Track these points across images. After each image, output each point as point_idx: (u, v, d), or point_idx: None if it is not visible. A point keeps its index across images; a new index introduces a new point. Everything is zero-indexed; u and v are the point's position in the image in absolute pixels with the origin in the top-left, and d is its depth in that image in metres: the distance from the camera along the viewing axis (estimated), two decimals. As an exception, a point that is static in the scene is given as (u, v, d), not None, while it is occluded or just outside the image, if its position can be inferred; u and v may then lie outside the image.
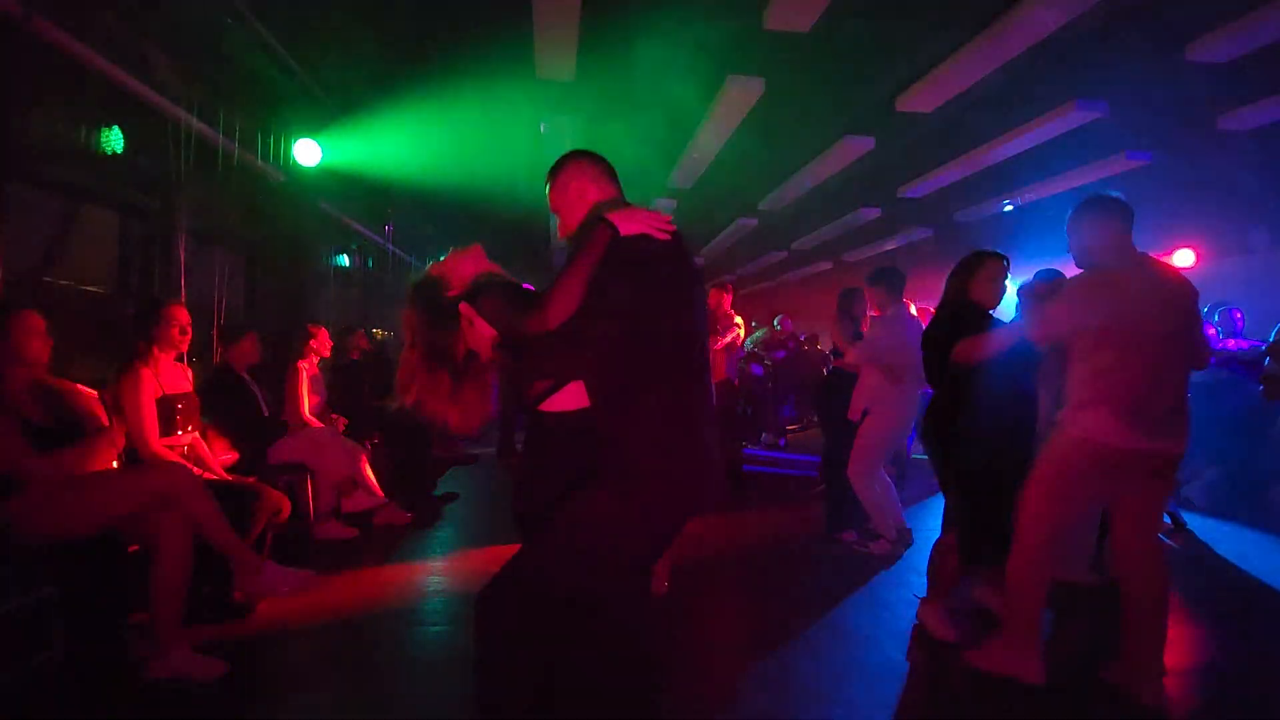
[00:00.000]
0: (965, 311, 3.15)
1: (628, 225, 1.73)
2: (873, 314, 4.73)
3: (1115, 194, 2.74)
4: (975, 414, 2.98)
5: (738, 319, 5.92)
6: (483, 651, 1.74)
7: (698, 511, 1.79)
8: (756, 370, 9.34)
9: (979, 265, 3.19)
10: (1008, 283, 3.28)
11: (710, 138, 6.42)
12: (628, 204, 1.91)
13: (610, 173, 1.96)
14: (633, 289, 1.70)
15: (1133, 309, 2.55)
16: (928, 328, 3.33)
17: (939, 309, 3.32)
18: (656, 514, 1.74)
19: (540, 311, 1.71)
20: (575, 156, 1.97)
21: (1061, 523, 2.69)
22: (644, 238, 1.74)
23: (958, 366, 3.04)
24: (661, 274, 1.75)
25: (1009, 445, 2.98)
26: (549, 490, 1.85)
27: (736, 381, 6.43)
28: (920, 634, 3.21)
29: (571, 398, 1.86)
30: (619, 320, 1.69)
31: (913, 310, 4.73)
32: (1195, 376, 2.80)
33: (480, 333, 1.85)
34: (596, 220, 1.77)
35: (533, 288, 1.99)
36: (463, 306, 1.88)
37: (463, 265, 1.98)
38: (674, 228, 1.79)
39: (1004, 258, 3.21)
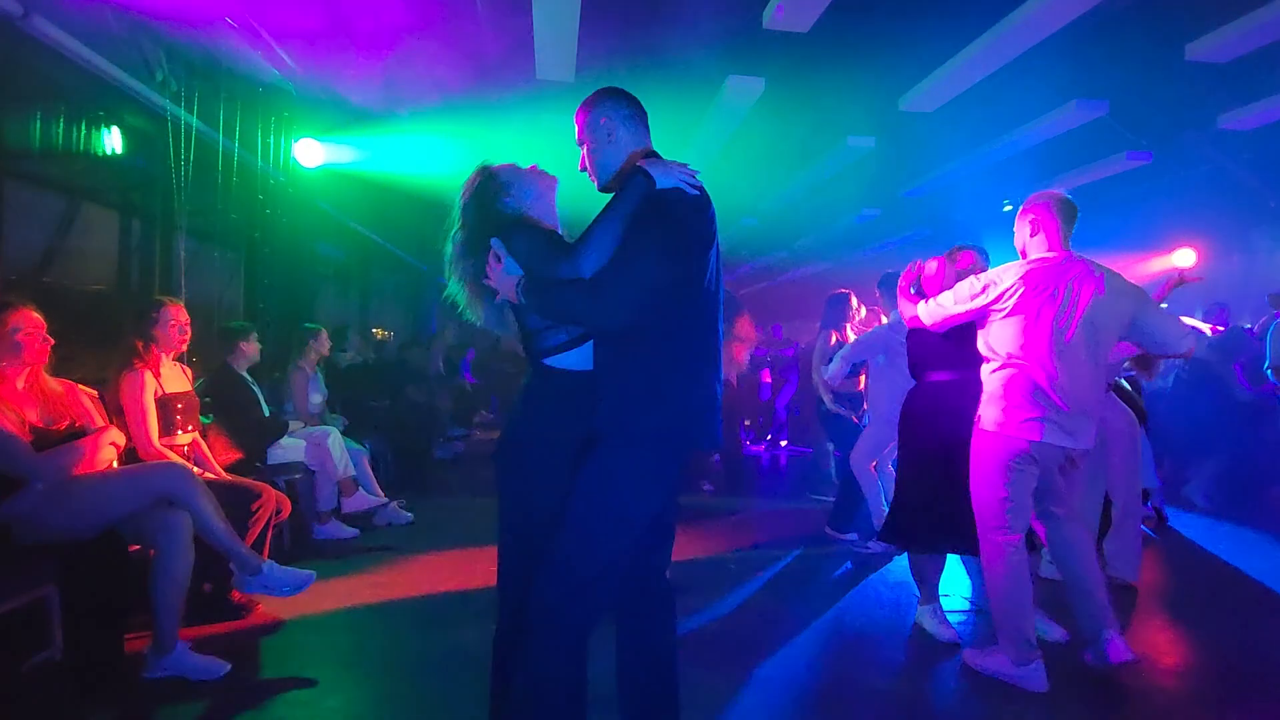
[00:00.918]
0: None
1: (664, 178, 1.76)
2: (878, 320, 4.78)
3: (1062, 192, 2.78)
4: (935, 409, 3.02)
5: None
6: (534, 649, 1.75)
7: (692, 453, 1.88)
8: (765, 376, 9.41)
9: (952, 259, 3.21)
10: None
11: (711, 137, 6.42)
12: (657, 154, 1.92)
13: (642, 116, 1.95)
14: (663, 242, 1.73)
15: (1036, 305, 2.62)
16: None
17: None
18: (658, 463, 1.80)
19: (574, 257, 1.73)
20: (611, 94, 1.95)
21: (1012, 523, 2.70)
22: (677, 191, 1.76)
23: (921, 359, 3.11)
24: (689, 229, 1.78)
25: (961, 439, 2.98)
26: (542, 444, 1.87)
27: (734, 382, 6.43)
28: (920, 634, 3.21)
29: (580, 358, 1.87)
30: (649, 272, 1.71)
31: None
32: (1182, 375, 2.83)
33: (507, 271, 1.84)
34: (634, 171, 1.79)
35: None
36: (493, 243, 1.88)
37: (530, 176, 1.97)
38: (700, 183, 1.82)
39: (977, 248, 3.21)
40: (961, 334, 2.90)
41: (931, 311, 2.87)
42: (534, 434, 1.90)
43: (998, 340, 2.72)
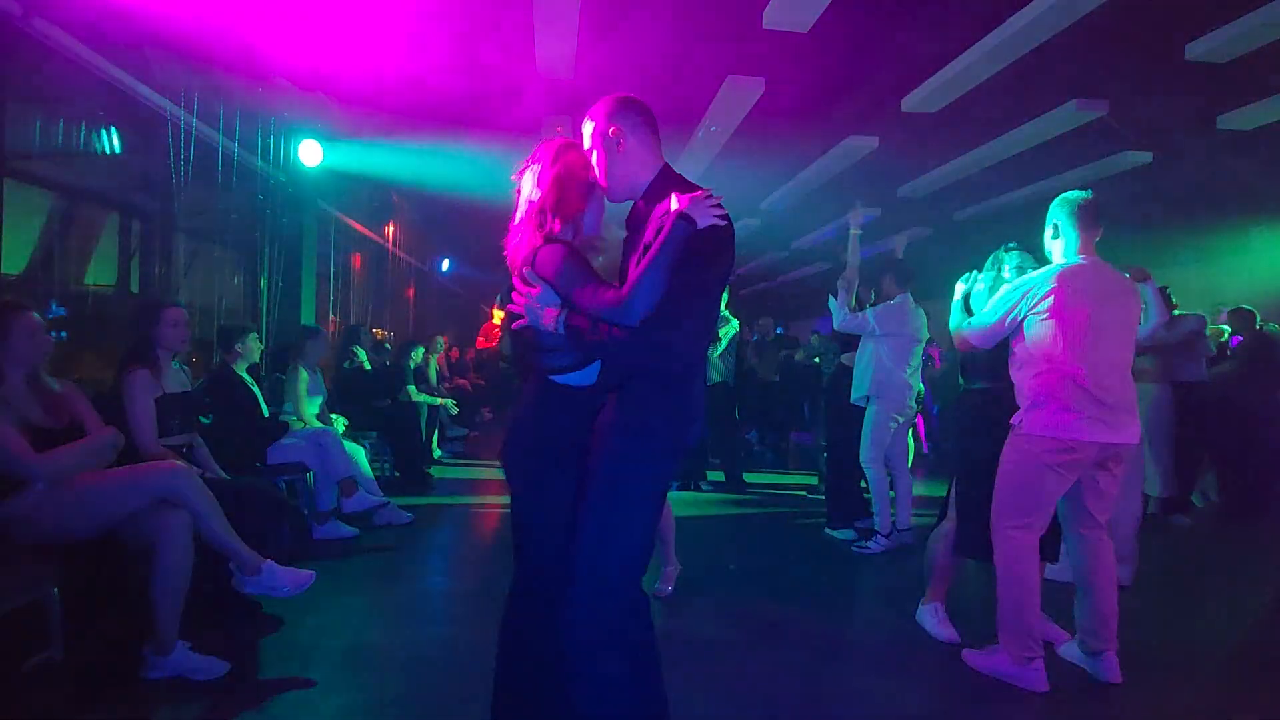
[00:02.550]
0: None
1: (702, 219, 1.76)
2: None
3: (1086, 195, 2.81)
4: (990, 406, 2.99)
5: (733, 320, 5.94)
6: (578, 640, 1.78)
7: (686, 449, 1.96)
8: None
9: (1000, 260, 3.22)
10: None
11: (710, 137, 6.42)
12: (671, 169, 1.94)
13: (652, 124, 1.94)
14: (708, 285, 1.80)
15: (1072, 306, 2.66)
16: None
17: None
18: (674, 450, 1.87)
19: (624, 305, 1.73)
20: (620, 102, 1.92)
21: (1034, 522, 2.72)
22: (714, 229, 1.78)
23: (972, 359, 3.09)
24: (725, 265, 1.84)
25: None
26: (550, 450, 1.90)
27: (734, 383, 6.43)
28: (920, 634, 3.20)
29: (586, 375, 1.89)
30: (697, 315, 1.78)
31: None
32: None
33: (544, 302, 1.82)
34: (674, 217, 1.76)
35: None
36: (518, 279, 1.87)
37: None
38: (726, 210, 1.83)
39: (1022, 248, 3.21)
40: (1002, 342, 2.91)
41: (977, 330, 2.90)
42: (542, 441, 1.93)
43: (1035, 344, 2.73)
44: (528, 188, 1.93)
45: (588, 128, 1.94)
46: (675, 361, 1.77)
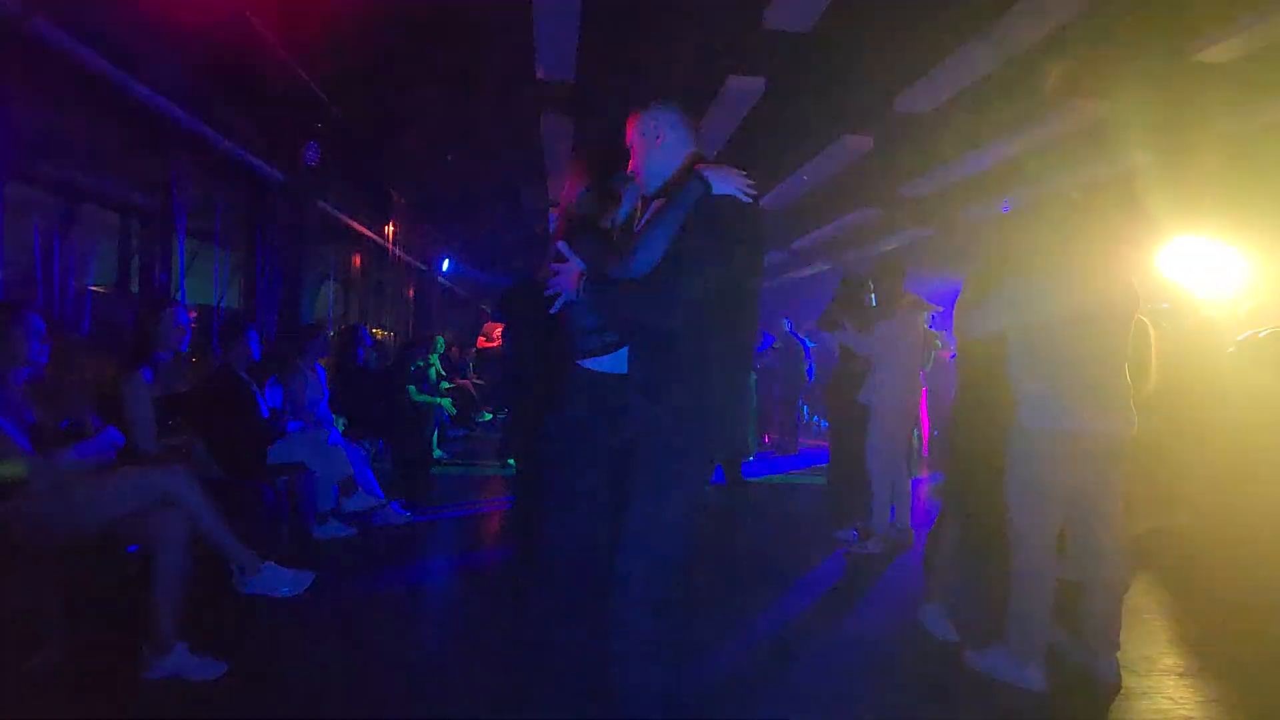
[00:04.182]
0: None
1: (721, 184, 1.74)
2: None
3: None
4: (988, 403, 2.98)
5: None
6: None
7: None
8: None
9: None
10: None
11: (710, 137, 6.42)
12: (704, 159, 1.96)
13: (689, 121, 2.00)
14: (716, 247, 1.73)
15: (1077, 300, 2.67)
16: None
17: None
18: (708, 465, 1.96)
19: (625, 259, 1.74)
20: (660, 100, 2.00)
21: (1049, 519, 2.71)
22: (732, 197, 1.75)
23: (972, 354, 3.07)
24: (741, 235, 1.79)
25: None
26: (579, 448, 1.96)
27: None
28: (920, 634, 3.20)
29: (614, 363, 1.94)
30: (701, 275, 1.72)
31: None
32: None
33: (572, 269, 1.90)
34: (691, 176, 1.78)
35: None
36: (559, 246, 1.93)
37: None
38: (755, 190, 1.82)
39: None
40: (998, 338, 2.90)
41: (977, 321, 2.89)
42: (570, 437, 1.99)
43: (1031, 337, 2.72)
44: (569, 197, 2.10)
45: (635, 121, 2.01)
46: (676, 317, 1.71)
